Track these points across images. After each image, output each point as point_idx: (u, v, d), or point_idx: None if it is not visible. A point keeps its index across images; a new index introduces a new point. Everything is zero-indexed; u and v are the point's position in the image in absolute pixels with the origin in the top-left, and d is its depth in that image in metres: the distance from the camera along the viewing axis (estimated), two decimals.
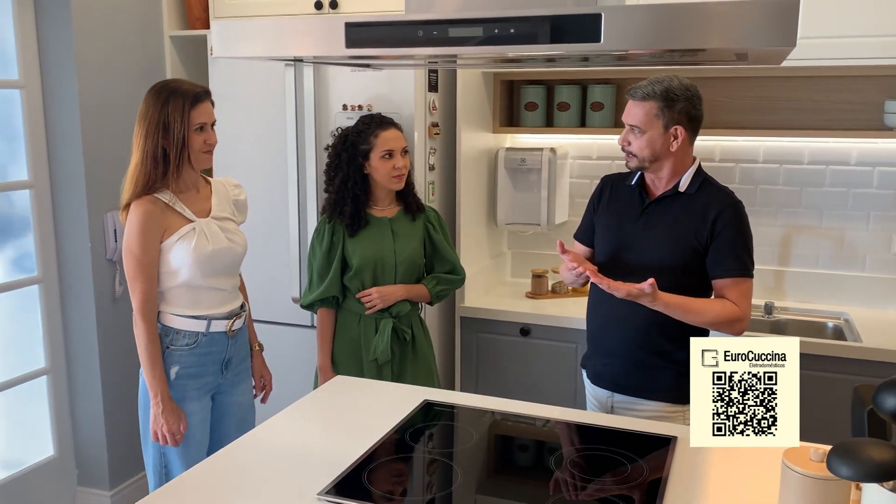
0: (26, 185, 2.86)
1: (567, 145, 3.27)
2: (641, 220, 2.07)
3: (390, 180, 2.45)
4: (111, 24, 2.96)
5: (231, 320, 2.19)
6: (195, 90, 2.09)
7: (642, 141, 2.00)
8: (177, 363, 2.11)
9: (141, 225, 2.04)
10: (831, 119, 2.93)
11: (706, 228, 1.99)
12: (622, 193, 2.16)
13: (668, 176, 2.06)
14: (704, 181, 2.06)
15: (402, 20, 1.26)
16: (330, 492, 1.50)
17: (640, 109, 1.99)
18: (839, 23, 2.56)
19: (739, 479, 1.56)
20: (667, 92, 1.96)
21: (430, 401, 1.98)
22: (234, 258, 2.20)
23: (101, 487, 3.09)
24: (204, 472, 1.63)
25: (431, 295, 2.56)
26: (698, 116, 2.02)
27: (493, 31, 1.21)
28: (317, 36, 1.32)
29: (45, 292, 2.95)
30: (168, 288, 2.11)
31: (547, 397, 2.84)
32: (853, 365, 2.52)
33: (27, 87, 2.82)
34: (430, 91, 2.83)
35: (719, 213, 1.98)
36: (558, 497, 1.52)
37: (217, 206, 2.20)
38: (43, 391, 2.99)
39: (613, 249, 2.11)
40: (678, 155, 2.02)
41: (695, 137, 2.06)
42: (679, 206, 2.04)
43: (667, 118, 1.97)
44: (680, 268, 2.01)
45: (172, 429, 2.08)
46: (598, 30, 1.15)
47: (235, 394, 2.28)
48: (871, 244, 2.97)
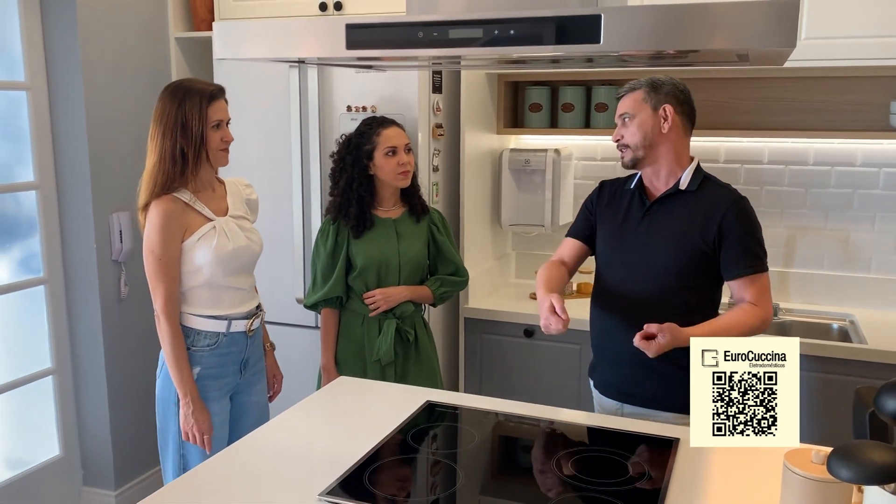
0: (32, 187, 2.87)
1: (571, 146, 3.27)
2: (644, 222, 2.04)
3: (396, 177, 2.45)
4: (117, 26, 2.97)
5: (250, 320, 2.20)
6: (210, 88, 2.10)
7: (633, 126, 2.00)
8: (198, 364, 2.12)
9: (162, 224, 2.04)
10: (837, 120, 2.91)
11: (713, 229, 1.95)
12: (622, 197, 2.13)
13: (665, 172, 2.03)
14: (705, 179, 2.04)
15: (403, 21, 1.26)
16: (331, 492, 1.50)
17: (628, 99, 2.03)
18: (845, 23, 2.55)
19: (741, 481, 1.55)
20: (651, 80, 2.02)
21: (433, 402, 1.98)
22: (253, 257, 2.22)
23: (106, 487, 3.11)
24: (208, 471, 1.63)
25: (435, 296, 2.57)
26: (688, 101, 2.02)
27: (493, 32, 1.21)
28: (317, 37, 1.32)
29: (51, 293, 2.96)
30: (189, 288, 2.11)
31: (551, 398, 2.83)
32: (858, 367, 2.50)
33: (33, 89, 2.83)
34: (434, 92, 2.83)
35: (725, 211, 1.95)
36: (560, 499, 1.52)
37: (233, 205, 2.21)
38: (49, 391, 3.01)
39: (617, 255, 2.08)
40: (673, 141, 2.00)
41: (690, 128, 2.04)
42: (682, 206, 2.01)
43: (654, 100, 1.99)
44: (686, 269, 1.98)
45: (203, 428, 2.08)
46: (598, 31, 1.15)
47: (252, 393, 2.29)
48: (876, 245, 2.95)
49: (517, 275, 3.50)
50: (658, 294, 2.00)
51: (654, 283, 2.00)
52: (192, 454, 2.13)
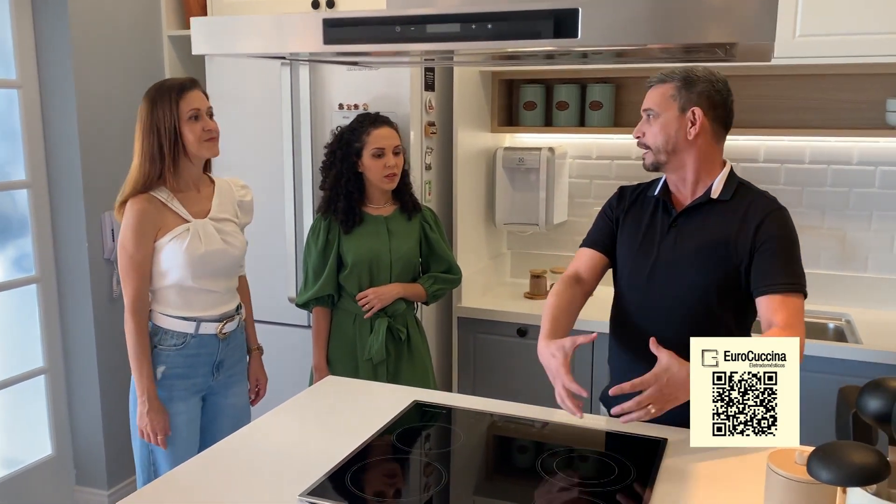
0: (24, 185, 2.87)
1: (566, 145, 3.25)
2: (671, 234, 1.81)
3: (381, 180, 2.44)
4: (109, 24, 2.96)
5: (222, 323, 2.18)
6: (180, 81, 2.10)
7: (656, 126, 1.78)
8: (164, 363, 2.11)
9: (135, 222, 2.04)
10: (833, 118, 2.89)
11: (748, 239, 1.72)
12: (644, 207, 1.88)
13: (692, 178, 1.81)
14: (740, 185, 1.81)
15: (380, 16, 1.24)
16: (312, 492, 1.48)
17: (656, 92, 1.80)
18: (841, 20, 2.53)
19: (728, 482, 1.54)
20: (687, 72, 1.78)
21: (420, 402, 1.96)
22: (230, 260, 2.19)
23: (98, 487, 3.10)
24: (189, 471, 1.62)
25: (428, 294, 2.55)
26: (723, 104, 1.78)
27: (470, 27, 1.19)
28: (295, 32, 1.31)
29: (43, 292, 2.96)
30: (159, 288, 2.11)
31: (545, 398, 2.82)
32: (854, 367, 2.48)
33: (25, 87, 2.83)
34: (427, 90, 2.82)
35: (763, 220, 1.72)
36: (543, 500, 1.50)
37: (217, 207, 2.19)
38: (41, 390, 3.00)
39: (639, 272, 1.84)
40: (700, 148, 1.77)
41: (723, 133, 1.82)
42: (714, 217, 1.78)
43: (683, 99, 1.75)
44: (719, 288, 1.76)
45: (157, 428, 2.08)
46: (576, 25, 1.14)
47: (229, 395, 2.27)
48: (873, 245, 2.93)
49: (512, 274, 3.48)
50: (687, 316, 1.78)
51: (682, 303, 1.79)
52: (159, 453, 2.14)
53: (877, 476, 1.04)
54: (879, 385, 1.10)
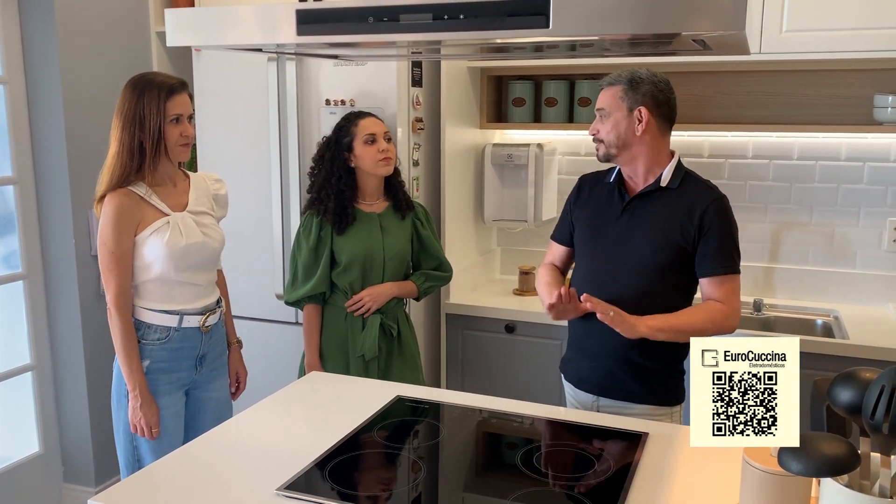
0: (11, 181, 2.86)
1: (555, 141, 3.24)
2: (623, 217, 2.02)
3: (377, 165, 2.42)
4: (96, 20, 2.95)
5: (205, 316, 2.18)
6: (171, 82, 2.08)
7: (608, 124, 1.99)
8: (147, 357, 2.10)
9: (115, 217, 2.03)
10: (821, 114, 2.89)
11: (693, 225, 1.94)
12: (601, 192, 2.10)
13: (643, 169, 2.01)
14: (686, 175, 2.02)
15: (352, 6, 1.24)
16: (290, 486, 1.48)
17: (607, 93, 2.01)
18: (828, 15, 2.52)
19: (706, 475, 1.54)
20: (632, 75, 1.98)
21: (403, 397, 1.96)
22: (210, 253, 2.19)
23: (86, 484, 3.09)
24: (170, 464, 1.62)
25: (419, 291, 2.55)
26: (666, 102, 1.99)
27: (442, 16, 1.19)
28: (268, 23, 1.30)
29: (30, 288, 2.95)
30: (141, 282, 2.10)
31: (532, 393, 2.83)
32: (842, 362, 2.47)
33: (10, 83, 2.82)
34: (414, 86, 2.81)
35: (706, 208, 1.94)
36: (520, 493, 1.49)
37: (194, 201, 2.19)
38: (28, 387, 2.99)
39: (595, 250, 2.06)
40: (649, 143, 1.98)
41: (668, 128, 2.02)
42: (662, 203, 1.99)
43: (630, 100, 1.96)
44: (666, 266, 1.97)
45: (150, 421, 2.07)
46: (547, 15, 1.13)
47: (211, 389, 2.26)
48: (861, 240, 2.93)
49: (502, 271, 3.48)
50: (637, 290, 1.97)
51: (632, 279, 1.98)
52: (143, 447, 2.12)
53: (847, 467, 1.03)
54: (851, 376, 1.10)
